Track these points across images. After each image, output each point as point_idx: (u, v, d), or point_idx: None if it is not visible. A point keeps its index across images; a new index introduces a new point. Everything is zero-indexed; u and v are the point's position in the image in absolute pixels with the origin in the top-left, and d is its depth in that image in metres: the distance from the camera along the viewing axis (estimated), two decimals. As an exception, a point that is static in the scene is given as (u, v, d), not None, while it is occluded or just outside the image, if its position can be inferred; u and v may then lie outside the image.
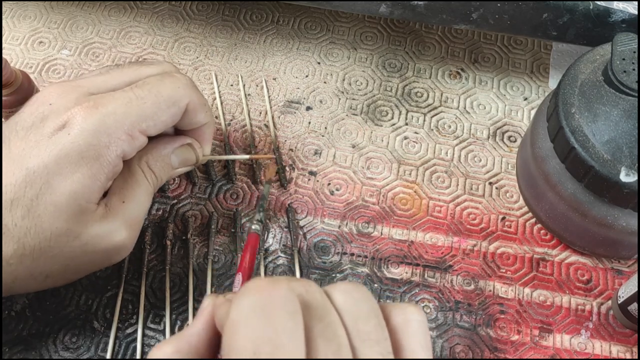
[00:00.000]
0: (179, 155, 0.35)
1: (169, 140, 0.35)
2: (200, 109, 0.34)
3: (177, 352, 0.23)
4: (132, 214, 0.32)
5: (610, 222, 0.34)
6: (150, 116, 0.31)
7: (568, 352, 0.35)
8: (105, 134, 0.30)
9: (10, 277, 0.29)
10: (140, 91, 0.31)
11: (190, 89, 0.33)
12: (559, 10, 0.39)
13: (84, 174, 0.29)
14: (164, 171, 0.34)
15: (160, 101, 0.31)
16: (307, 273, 0.38)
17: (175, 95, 0.32)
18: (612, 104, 0.33)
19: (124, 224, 0.32)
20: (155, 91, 0.31)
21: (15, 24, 0.50)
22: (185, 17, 0.50)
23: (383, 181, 0.42)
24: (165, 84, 0.32)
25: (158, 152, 0.34)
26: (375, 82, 0.47)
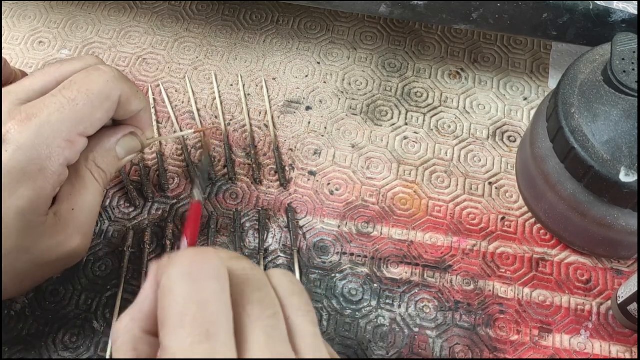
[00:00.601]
0: (124, 145, 0.34)
1: (111, 133, 0.34)
2: (133, 97, 0.33)
3: (132, 320, 0.23)
4: (83, 219, 0.32)
5: (610, 222, 0.34)
6: (85, 117, 0.30)
7: (568, 352, 0.35)
8: (44, 146, 0.29)
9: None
10: (69, 92, 0.30)
11: (119, 81, 0.32)
12: (559, 10, 0.39)
13: (29, 189, 0.29)
14: (111, 165, 0.34)
15: (92, 99, 0.30)
16: (306, 273, 0.38)
17: (106, 90, 0.31)
18: (611, 104, 0.33)
19: (76, 231, 0.31)
20: (84, 90, 0.30)
21: (15, 24, 0.50)
22: (185, 17, 0.50)
23: (383, 181, 0.42)
24: (93, 80, 0.31)
25: (103, 148, 0.33)
26: (375, 82, 0.47)
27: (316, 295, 0.37)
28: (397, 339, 0.36)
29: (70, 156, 0.30)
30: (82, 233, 0.32)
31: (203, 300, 0.21)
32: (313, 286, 0.37)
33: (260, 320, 0.22)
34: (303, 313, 0.23)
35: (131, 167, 0.42)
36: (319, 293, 0.37)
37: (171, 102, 0.45)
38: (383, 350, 0.35)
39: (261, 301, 0.22)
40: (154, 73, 0.47)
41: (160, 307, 0.21)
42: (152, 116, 0.44)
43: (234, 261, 0.24)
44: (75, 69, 0.32)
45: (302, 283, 0.37)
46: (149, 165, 0.42)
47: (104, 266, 0.38)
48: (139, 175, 0.42)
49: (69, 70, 0.32)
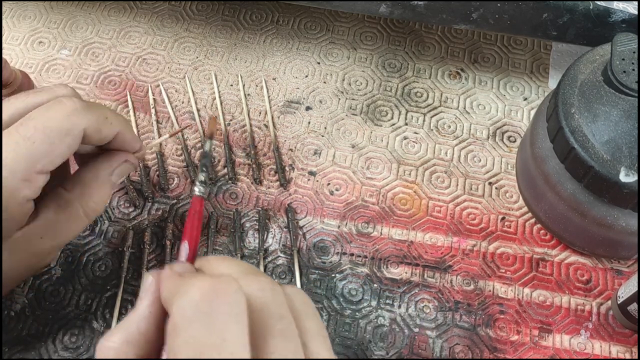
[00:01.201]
0: (119, 173, 0.34)
1: (105, 165, 0.33)
2: (102, 126, 0.31)
3: (126, 343, 0.22)
4: (50, 246, 0.32)
5: (610, 222, 0.34)
6: (43, 155, 0.29)
7: (568, 352, 0.35)
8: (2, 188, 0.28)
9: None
10: (25, 130, 0.29)
11: (81, 113, 0.30)
12: (559, 10, 0.39)
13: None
14: (107, 195, 0.34)
15: (50, 136, 0.29)
16: (306, 273, 0.38)
17: (65, 125, 0.29)
18: (611, 104, 0.33)
19: (39, 255, 0.31)
20: (41, 126, 0.29)
21: (15, 24, 0.50)
22: (185, 17, 0.50)
23: (383, 181, 0.42)
24: (52, 115, 0.29)
25: (98, 182, 0.33)
26: (375, 82, 0.47)
27: (316, 295, 0.37)
28: (397, 339, 0.36)
29: (30, 193, 0.29)
30: (46, 254, 0.32)
31: (220, 344, 0.19)
32: (313, 286, 0.37)
33: (283, 355, 0.21)
34: (321, 340, 0.23)
35: (131, 167, 0.42)
36: (319, 293, 0.37)
37: (171, 102, 0.45)
38: (383, 350, 0.35)
39: (283, 334, 0.21)
40: (154, 73, 0.47)
41: (171, 346, 0.20)
42: (153, 117, 0.44)
43: (252, 282, 0.22)
44: (39, 102, 0.31)
45: (302, 283, 0.37)
46: (149, 165, 0.42)
47: (103, 266, 0.38)
48: (139, 175, 0.42)
49: (32, 102, 0.30)
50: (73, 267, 0.38)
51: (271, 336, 0.21)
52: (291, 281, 0.37)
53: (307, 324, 0.23)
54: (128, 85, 0.46)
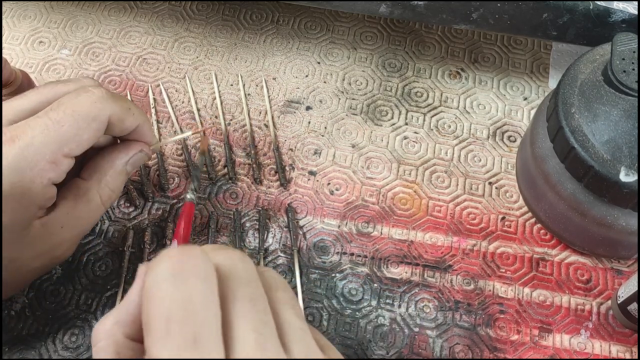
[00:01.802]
0: (134, 163, 0.35)
1: (122, 155, 0.34)
2: (125, 116, 0.33)
3: (117, 323, 0.23)
4: (71, 235, 0.32)
5: (610, 222, 0.34)
6: (71, 138, 0.30)
7: (568, 352, 0.35)
8: (27, 168, 0.29)
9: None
10: (55, 114, 0.30)
11: (107, 101, 0.31)
12: (559, 10, 0.39)
13: (13, 209, 0.29)
14: (121, 184, 0.35)
15: (78, 120, 0.30)
16: (306, 273, 0.38)
17: (92, 111, 0.31)
18: (611, 104, 0.33)
19: (59, 244, 0.32)
20: (70, 111, 0.30)
21: (15, 24, 0.50)
22: (185, 17, 0.50)
23: (383, 181, 0.42)
24: (80, 101, 0.31)
25: (115, 170, 0.34)
26: (375, 82, 0.47)
27: (316, 295, 0.37)
28: (397, 339, 0.36)
29: (55, 177, 0.30)
30: (67, 245, 0.33)
31: (190, 302, 0.20)
32: (313, 286, 0.37)
33: (249, 317, 0.21)
34: (290, 307, 0.23)
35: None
36: (319, 293, 0.37)
37: (171, 102, 0.45)
38: (383, 350, 0.35)
39: (250, 297, 0.22)
40: (154, 73, 0.47)
41: (145, 310, 0.20)
42: (153, 116, 0.44)
43: (221, 254, 0.23)
44: (67, 90, 0.32)
45: (302, 283, 0.37)
46: (149, 165, 0.42)
47: (104, 266, 0.38)
48: (139, 175, 0.42)
49: (61, 91, 0.32)
50: (73, 267, 0.38)
51: (239, 300, 0.21)
52: (291, 281, 0.38)
53: (278, 294, 0.23)
54: (128, 85, 0.46)
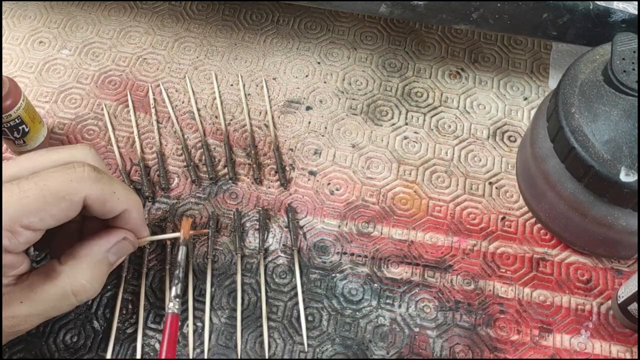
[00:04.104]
0: (116, 252, 0.33)
1: (100, 239, 0.32)
2: (107, 199, 0.31)
3: None
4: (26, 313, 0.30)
5: (610, 222, 0.34)
6: (33, 211, 0.28)
7: (568, 352, 0.35)
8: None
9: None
10: (25, 184, 0.29)
11: (87, 182, 0.30)
12: (559, 10, 0.39)
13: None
14: (101, 275, 0.32)
15: (45, 195, 0.29)
16: (307, 273, 0.38)
17: (65, 189, 0.29)
18: (612, 104, 0.33)
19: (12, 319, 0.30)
20: (41, 184, 0.29)
21: (15, 24, 0.50)
22: (185, 17, 0.50)
23: (383, 181, 0.42)
24: (56, 176, 0.29)
25: (92, 258, 0.32)
26: (375, 82, 0.47)
27: (316, 295, 0.37)
28: (397, 339, 0.36)
29: (10, 246, 0.29)
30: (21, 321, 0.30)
31: None
32: (313, 286, 0.37)
33: None
34: None
35: (131, 166, 0.42)
36: (319, 293, 0.37)
37: (171, 102, 0.45)
38: (383, 350, 0.35)
39: None
40: (154, 73, 0.47)
41: None
42: (153, 116, 0.44)
43: None
44: (56, 160, 0.31)
45: (302, 283, 0.37)
46: (149, 165, 0.42)
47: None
48: (139, 175, 0.42)
49: (51, 160, 0.31)
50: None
51: None
52: (291, 281, 0.38)
53: None
54: (128, 85, 0.46)
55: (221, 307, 0.37)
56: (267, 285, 0.37)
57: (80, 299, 0.31)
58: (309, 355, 0.35)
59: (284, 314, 0.36)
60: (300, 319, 0.36)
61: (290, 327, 0.36)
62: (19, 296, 0.30)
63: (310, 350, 0.35)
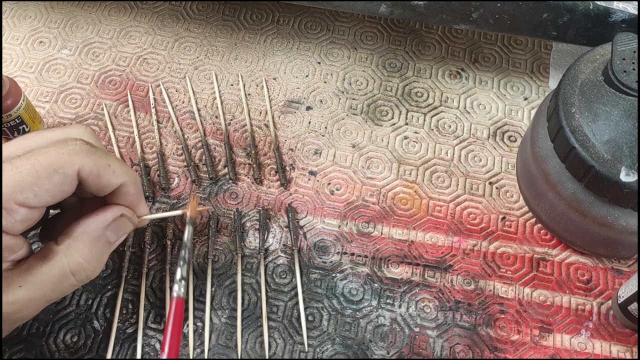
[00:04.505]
0: (115, 230, 0.32)
1: (96, 215, 0.31)
2: (101, 172, 0.30)
3: None
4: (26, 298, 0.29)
5: (610, 222, 0.34)
6: (27, 187, 0.28)
7: (568, 351, 0.35)
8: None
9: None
10: (18, 161, 0.28)
11: (79, 154, 0.29)
12: (559, 10, 0.39)
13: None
14: (100, 254, 0.31)
15: (38, 169, 0.28)
16: (307, 273, 0.38)
17: (56, 162, 0.28)
18: (612, 104, 0.33)
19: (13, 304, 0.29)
20: (33, 159, 0.28)
21: (15, 24, 0.50)
22: (185, 17, 0.50)
23: (383, 181, 0.42)
24: (47, 150, 0.29)
25: (88, 236, 0.31)
26: (375, 82, 0.47)
27: (317, 295, 0.37)
28: (398, 339, 0.36)
29: (7, 225, 0.28)
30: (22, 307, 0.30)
31: None
32: (313, 286, 0.37)
33: None
34: None
35: (132, 166, 0.42)
36: (319, 293, 0.37)
37: (171, 101, 0.45)
38: (383, 349, 0.35)
39: None
40: (155, 73, 0.47)
41: None
42: (153, 116, 0.44)
43: None
44: (50, 138, 0.30)
45: (302, 283, 0.37)
46: (149, 165, 0.42)
47: (104, 266, 0.38)
48: (140, 175, 0.42)
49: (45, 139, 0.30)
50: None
51: None
52: (292, 281, 0.38)
53: None
54: (128, 85, 0.46)
55: (221, 307, 0.37)
56: (267, 285, 0.37)
57: (80, 279, 0.31)
58: (309, 355, 0.35)
59: (284, 313, 0.36)
60: (300, 318, 0.36)
61: (291, 327, 0.36)
62: (18, 280, 0.29)
63: (311, 350, 0.35)
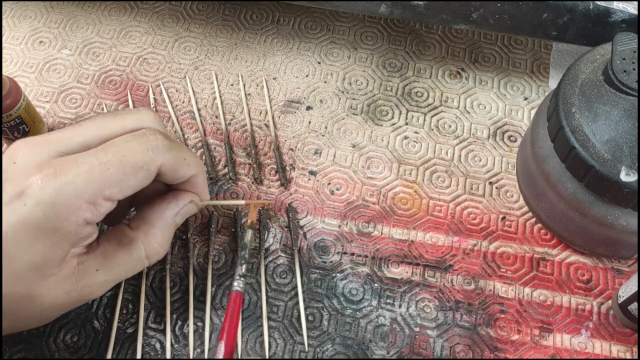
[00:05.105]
0: (183, 215, 0.34)
1: (172, 206, 0.33)
2: (178, 167, 0.32)
3: None
4: (103, 280, 0.31)
5: (611, 221, 0.34)
6: (114, 183, 0.29)
7: (568, 351, 0.35)
8: (63, 205, 0.28)
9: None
10: (104, 155, 0.29)
11: (161, 151, 0.31)
12: (559, 10, 0.39)
13: (44, 245, 0.28)
14: (169, 237, 0.33)
15: (125, 166, 0.29)
16: (307, 272, 0.38)
17: (142, 159, 0.30)
18: (612, 104, 0.33)
19: (89, 286, 0.31)
20: (120, 155, 0.29)
21: (15, 24, 0.50)
22: (185, 16, 0.50)
23: (383, 181, 0.42)
24: (133, 146, 0.30)
25: (164, 222, 0.33)
26: (375, 81, 0.47)
27: (317, 295, 0.37)
28: (398, 339, 0.36)
29: (92, 217, 0.29)
30: (97, 288, 0.31)
31: None
32: (313, 286, 0.37)
33: None
34: None
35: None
36: (319, 293, 0.37)
37: (172, 101, 0.45)
38: (383, 349, 0.35)
39: None
40: (155, 73, 0.47)
41: None
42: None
43: None
44: (123, 127, 0.31)
45: (302, 282, 0.37)
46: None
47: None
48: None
49: (117, 127, 0.31)
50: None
51: None
52: (292, 281, 0.38)
53: None
54: (129, 85, 0.46)
55: (221, 307, 0.37)
56: (268, 285, 0.37)
57: (152, 261, 0.33)
58: (309, 355, 0.35)
59: (284, 313, 0.36)
60: (300, 318, 0.36)
61: (291, 326, 0.36)
62: (95, 264, 0.31)
63: (311, 350, 0.35)
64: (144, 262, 0.32)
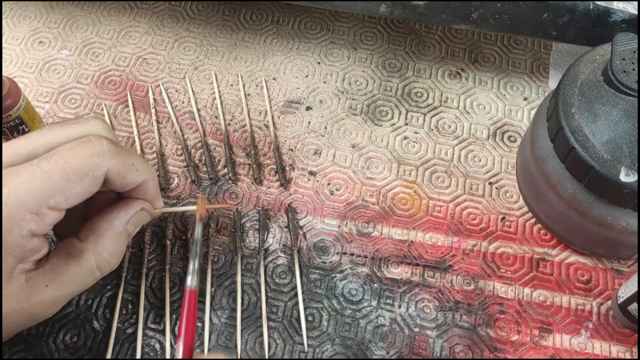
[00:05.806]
0: (135, 223, 0.33)
1: (121, 214, 0.32)
2: (126, 172, 0.31)
3: None
4: (55, 296, 0.30)
5: (610, 222, 0.34)
6: (59, 191, 0.28)
7: (568, 352, 0.35)
8: (6, 217, 0.27)
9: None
10: (46, 163, 0.28)
11: (107, 156, 0.29)
12: (559, 10, 0.39)
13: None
14: (122, 246, 0.32)
15: (69, 173, 0.28)
16: (306, 273, 0.38)
17: (87, 165, 0.29)
18: (612, 104, 0.33)
19: (41, 303, 0.30)
20: (62, 162, 0.28)
21: (15, 24, 0.50)
22: (185, 17, 0.50)
23: (383, 181, 0.42)
24: (76, 152, 0.29)
25: (113, 231, 0.32)
26: (375, 82, 0.47)
27: (316, 295, 0.37)
28: (397, 339, 0.36)
29: (37, 229, 0.28)
30: (48, 305, 0.30)
31: None
32: (313, 286, 0.37)
33: None
34: None
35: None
36: (319, 293, 0.37)
37: (171, 102, 0.45)
38: (383, 350, 0.35)
39: None
40: (154, 73, 0.47)
41: None
42: (153, 117, 0.44)
43: None
44: (70, 135, 0.30)
45: (302, 283, 0.37)
46: (149, 165, 0.42)
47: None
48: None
49: (64, 136, 0.30)
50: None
51: None
52: (291, 281, 0.38)
53: None
54: (128, 85, 0.46)
55: (221, 307, 0.37)
56: (267, 285, 0.37)
57: (104, 272, 0.32)
58: (309, 356, 0.35)
59: (284, 314, 0.36)
60: (300, 319, 0.36)
61: (290, 327, 0.36)
62: (44, 280, 0.30)
63: (310, 351, 0.35)
64: (96, 274, 0.31)
